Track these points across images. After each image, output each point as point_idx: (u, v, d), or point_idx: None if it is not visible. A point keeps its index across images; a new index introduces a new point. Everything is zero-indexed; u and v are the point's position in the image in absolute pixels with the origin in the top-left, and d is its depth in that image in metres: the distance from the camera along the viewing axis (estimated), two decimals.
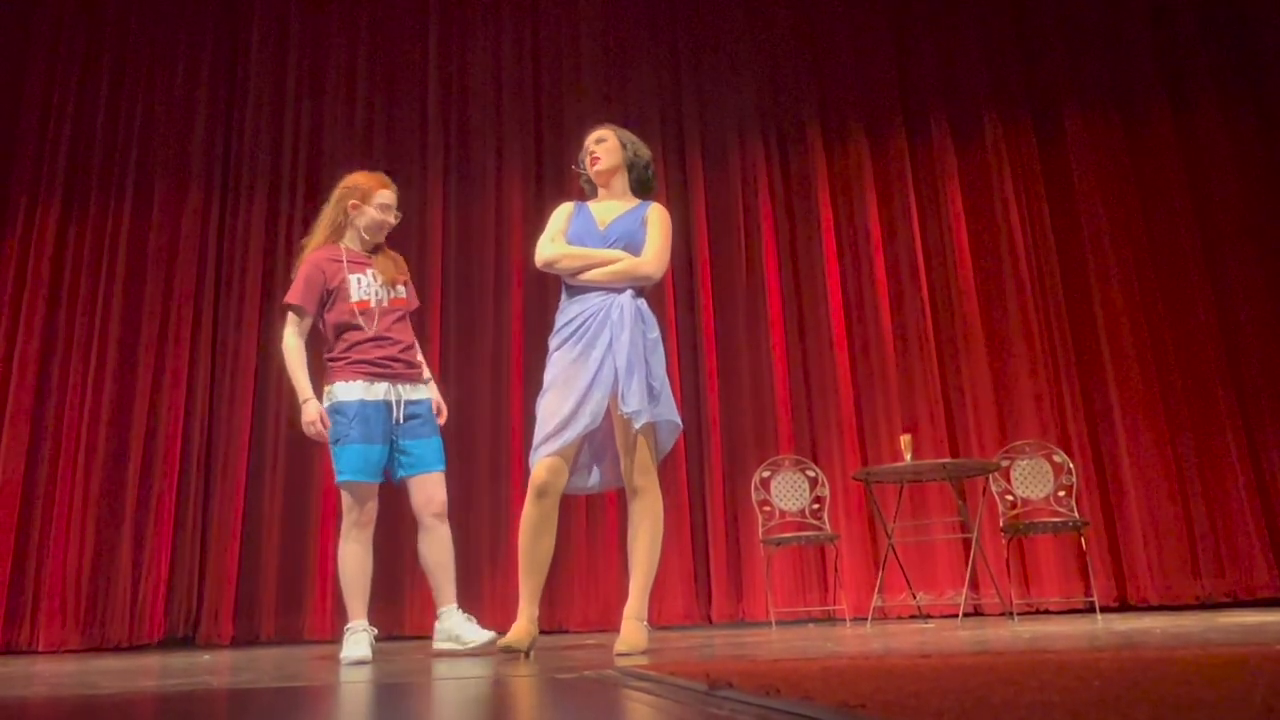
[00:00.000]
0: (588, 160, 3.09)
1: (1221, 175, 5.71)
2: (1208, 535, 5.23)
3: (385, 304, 3.21)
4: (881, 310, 5.76)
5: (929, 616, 5.03)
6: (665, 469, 5.65)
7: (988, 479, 4.85)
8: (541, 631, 5.22)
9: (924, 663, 1.78)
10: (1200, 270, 5.61)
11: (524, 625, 2.75)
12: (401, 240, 5.98)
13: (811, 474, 5.06)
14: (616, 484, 2.96)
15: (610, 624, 5.31)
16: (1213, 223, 5.68)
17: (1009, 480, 4.75)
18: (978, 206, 5.89)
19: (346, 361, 3.10)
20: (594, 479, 2.96)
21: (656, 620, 5.39)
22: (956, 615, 4.69)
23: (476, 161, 6.17)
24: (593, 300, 2.89)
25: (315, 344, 3.22)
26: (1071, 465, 4.73)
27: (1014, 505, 4.72)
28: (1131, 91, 5.91)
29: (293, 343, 3.12)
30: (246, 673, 2.53)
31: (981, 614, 5.14)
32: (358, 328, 3.13)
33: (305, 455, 5.59)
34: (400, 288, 3.28)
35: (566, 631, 5.25)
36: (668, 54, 6.35)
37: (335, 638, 5.26)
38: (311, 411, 3.05)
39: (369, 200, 3.26)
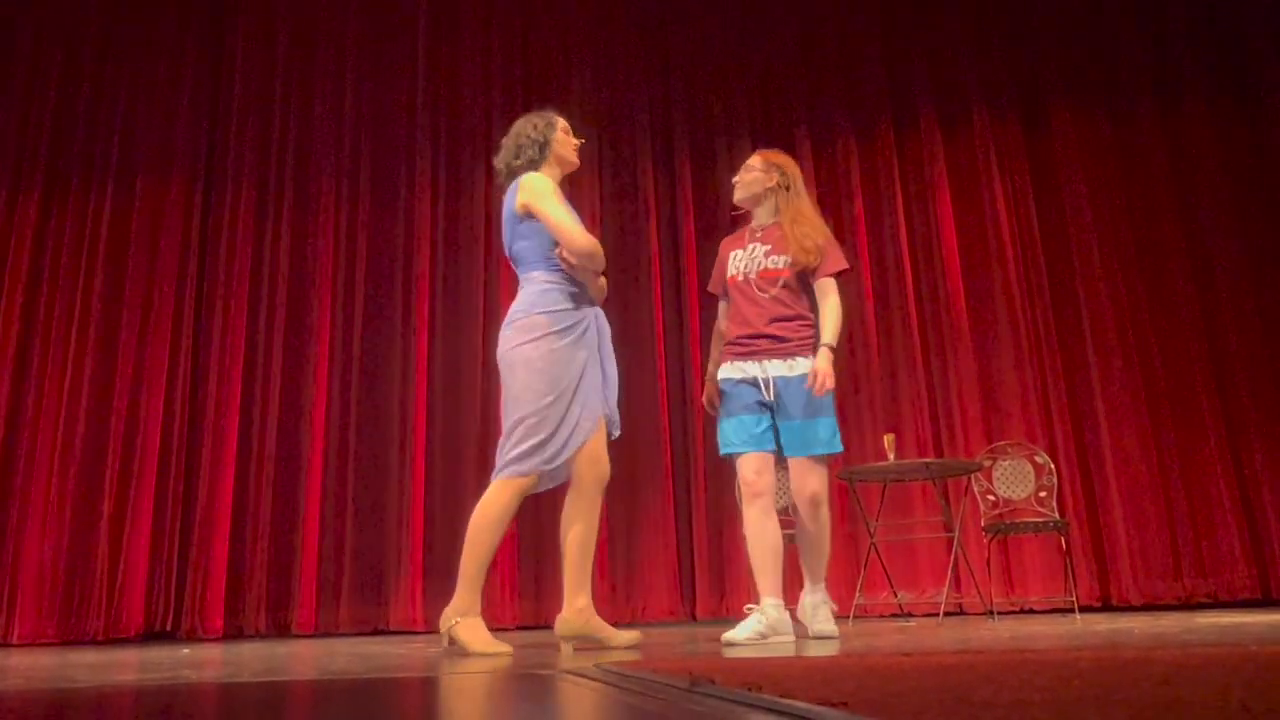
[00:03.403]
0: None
1: (1207, 172, 5.75)
2: (1189, 536, 5.27)
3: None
4: (867, 309, 5.78)
5: (910, 615, 5.05)
6: (652, 467, 5.65)
7: (970, 479, 4.87)
8: (526, 627, 5.26)
9: (905, 661, 1.79)
10: (1185, 269, 5.64)
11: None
12: (388, 233, 5.97)
13: None
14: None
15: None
16: (1198, 221, 5.72)
17: (991, 480, 4.78)
18: (965, 205, 5.91)
19: None
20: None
21: (641, 617, 5.40)
22: (938, 614, 4.72)
23: (466, 155, 6.14)
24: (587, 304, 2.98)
25: None
26: (1053, 466, 4.76)
27: (995, 505, 4.75)
28: (1119, 88, 5.93)
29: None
30: (227, 667, 2.51)
31: (963, 613, 5.17)
32: None
33: (297, 446, 5.56)
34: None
35: (550, 628, 5.24)
36: (658, 53, 6.34)
37: (322, 631, 5.24)
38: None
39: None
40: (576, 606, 2.82)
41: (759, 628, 2.83)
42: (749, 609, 2.97)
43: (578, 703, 1.41)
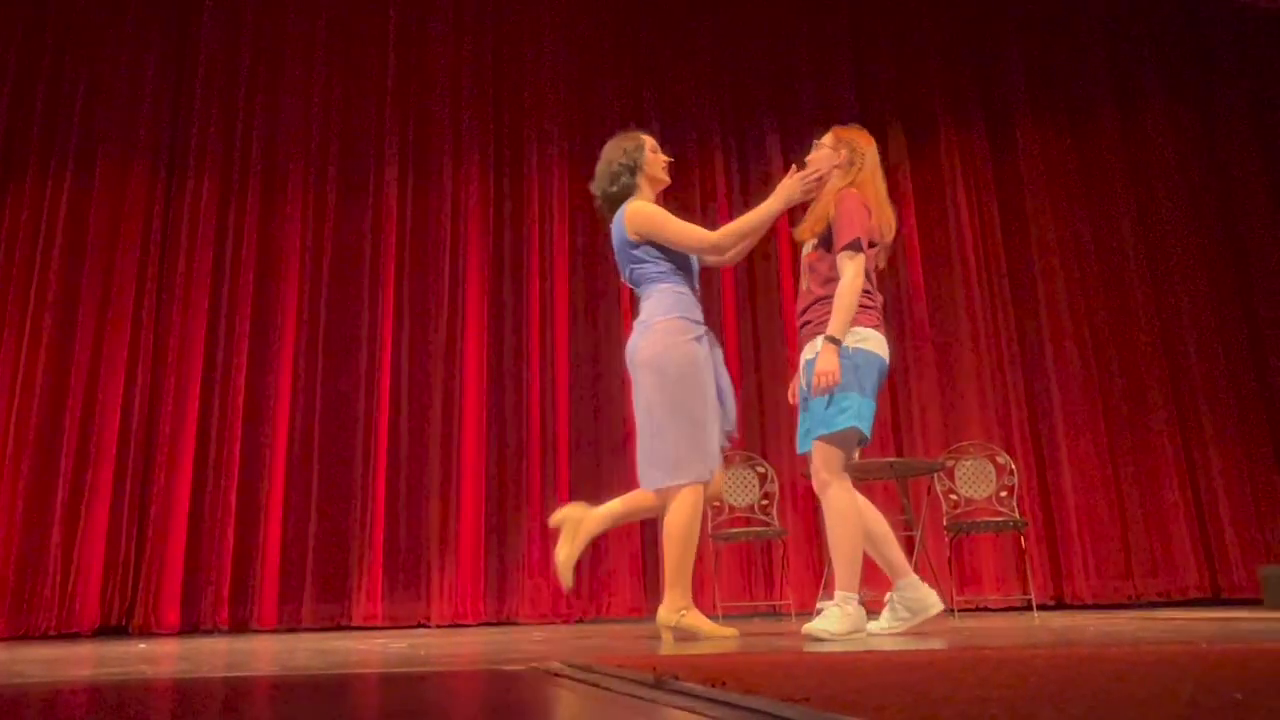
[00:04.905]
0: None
1: (1164, 184, 5.90)
2: (1142, 538, 5.40)
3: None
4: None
5: (873, 612, 5.10)
6: (616, 465, 5.65)
7: (933, 478, 4.94)
8: (491, 623, 5.25)
9: (866, 657, 1.81)
10: (1143, 279, 5.78)
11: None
12: (355, 227, 5.90)
13: (761, 470, 5.10)
14: None
15: (560, 617, 5.30)
16: (1155, 231, 5.86)
17: (953, 480, 4.84)
18: (930, 212, 6.00)
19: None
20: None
21: (605, 613, 5.40)
22: None
23: (435, 149, 6.08)
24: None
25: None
26: (1014, 466, 4.84)
27: (957, 505, 4.81)
28: (1081, 102, 6.06)
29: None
30: (184, 663, 2.48)
31: None
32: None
33: (259, 440, 5.48)
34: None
35: (516, 623, 5.23)
36: (630, 63, 6.32)
37: (283, 627, 5.18)
38: None
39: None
40: (675, 598, 2.85)
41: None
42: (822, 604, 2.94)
43: (543, 698, 1.42)
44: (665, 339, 2.84)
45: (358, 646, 3.20)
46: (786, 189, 2.94)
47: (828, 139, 3.08)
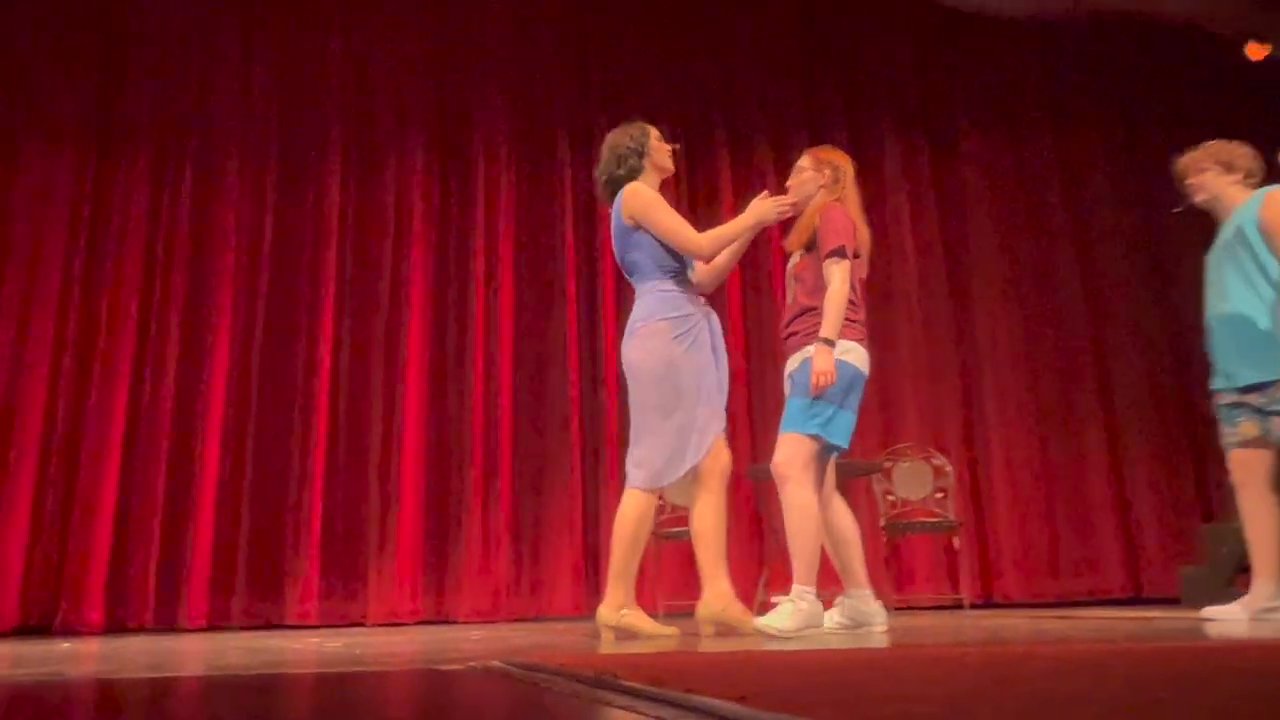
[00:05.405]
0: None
1: (1096, 196, 6.13)
2: (1069, 539, 5.59)
3: None
4: (776, 313, 5.87)
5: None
6: (559, 463, 5.63)
7: (870, 479, 5.02)
8: (429, 622, 5.18)
9: (804, 656, 1.83)
10: (1076, 287, 6.00)
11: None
12: (296, 216, 5.77)
13: None
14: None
15: (499, 615, 5.26)
16: (1087, 240, 6.07)
17: (891, 481, 4.93)
18: (871, 218, 6.07)
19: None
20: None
21: (546, 611, 5.37)
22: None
23: (380, 138, 5.96)
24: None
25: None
26: (950, 469, 4.95)
27: (894, 505, 4.90)
28: (1021, 118, 6.25)
29: None
30: (108, 663, 2.40)
31: None
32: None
33: (191, 433, 5.32)
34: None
35: (454, 622, 5.18)
36: (576, 55, 6.28)
37: (212, 626, 5.04)
38: None
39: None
40: (717, 591, 2.86)
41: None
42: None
43: (482, 698, 1.40)
44: (645, 344, 2.91)
45: (291, 645, 3.14)
46: (759, 209, 3.01)
47: (807, 162, 3.17)
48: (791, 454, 2.86)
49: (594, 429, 5.71)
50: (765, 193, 3.08)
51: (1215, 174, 3.28)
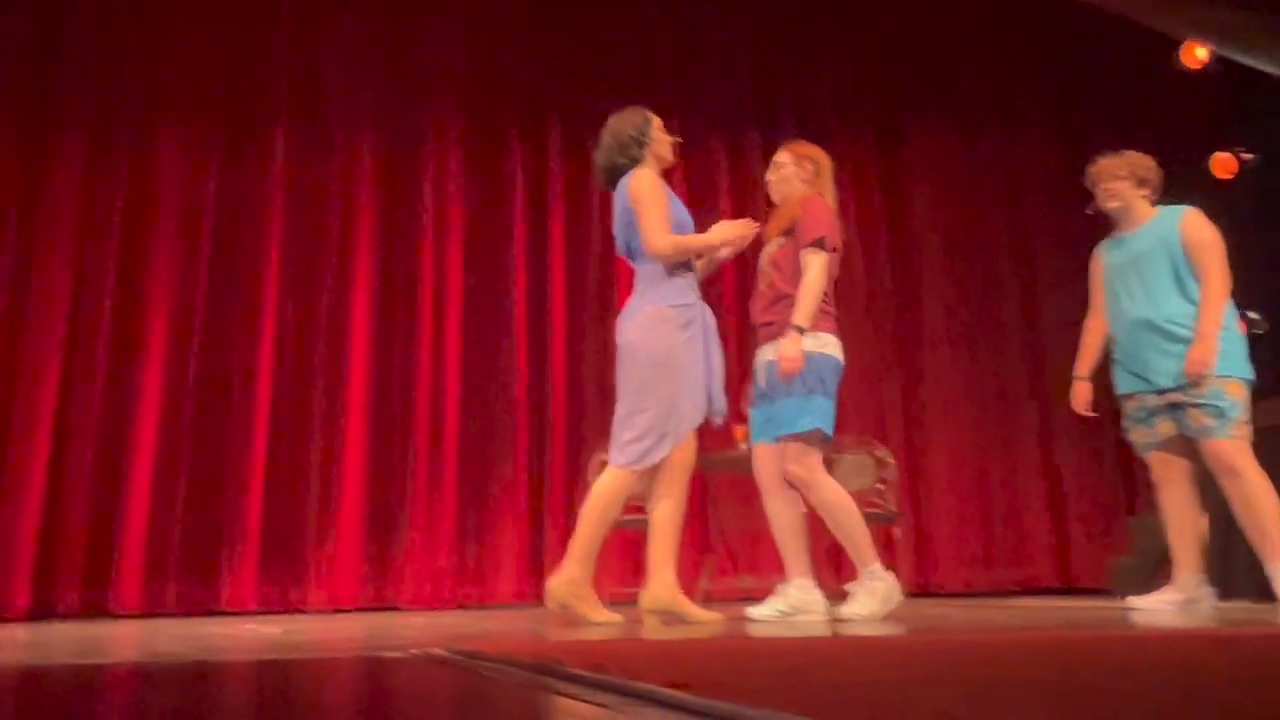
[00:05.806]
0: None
1: (1035, 192, 6.26)
2: (1004, 531, 5.77)
3: None
4: (725, 303, 5.91)
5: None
6: (505, 448, 5.58)
7: None
8: (370, 609, 5.12)
9: (749, 644, 1.85)
10: (1013, 283, 6.15)
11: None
12: (239, 191, 5.61)
13: None
14: None
15: (443, 601, 5.21)
16: (1027, 241, 6.22)
17: (834, 472, 5.00)
18: None
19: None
20: None
21: (489, 599, 5.34)
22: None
23: (330, 111, 5.81)
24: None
25: None
26: (893, 461, 5.04)
27: None
28: (966, 111, 6.35)
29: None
30: (35, 650, 2.32)
31: None
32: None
33: (125, 412, 5.15)
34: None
35: (397, 609, 5.12)
36: (532, 35, 6.20)
37: (145, 611, 4.90)
38: None
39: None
40: (664, 582, 2.86)
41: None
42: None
43: (424, 685, 1.38)
44: (651, 327, 2.91)
45: (227, 631, 3.07)
46: (724, 231, 3.08)
47: (786, 157, 3.22)
48: (801, 456, 2.94)
49: (541, 415, 5.68)
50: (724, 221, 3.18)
51: (1130, 185, 3.40)
